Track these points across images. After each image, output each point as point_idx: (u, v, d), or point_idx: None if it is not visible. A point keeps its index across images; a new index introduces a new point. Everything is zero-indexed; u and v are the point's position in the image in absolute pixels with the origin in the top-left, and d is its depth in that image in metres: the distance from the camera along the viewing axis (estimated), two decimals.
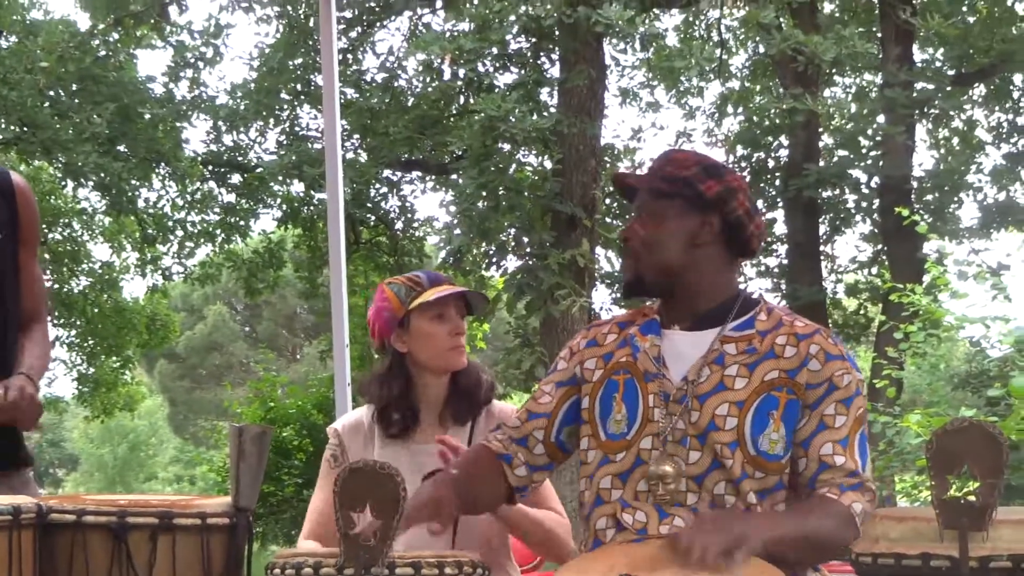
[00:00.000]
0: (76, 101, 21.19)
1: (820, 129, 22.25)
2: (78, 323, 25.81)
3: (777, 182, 22.48)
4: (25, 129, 20.60)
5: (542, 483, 3.94)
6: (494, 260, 19.60)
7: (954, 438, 2.87)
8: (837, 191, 22.28)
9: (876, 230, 22.66)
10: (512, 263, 19.19)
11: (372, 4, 22.41)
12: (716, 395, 3.44)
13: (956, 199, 21.72)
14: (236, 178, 23.94)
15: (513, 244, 19.03)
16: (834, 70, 21.84)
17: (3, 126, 20.94)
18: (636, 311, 3.83)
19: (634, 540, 3.37)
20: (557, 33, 18.68)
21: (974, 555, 2.86)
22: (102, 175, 21.24)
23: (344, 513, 2.95)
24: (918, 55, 22.10)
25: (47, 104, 21.01)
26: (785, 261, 22.90)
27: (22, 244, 4.13)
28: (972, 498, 2.87)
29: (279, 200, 23.26)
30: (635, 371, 3.56)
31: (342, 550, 2.97)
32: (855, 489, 3.25)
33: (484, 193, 17.90)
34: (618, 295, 20.86)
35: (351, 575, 2.96)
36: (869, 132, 21.89)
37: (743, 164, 22.50)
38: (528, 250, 18.38)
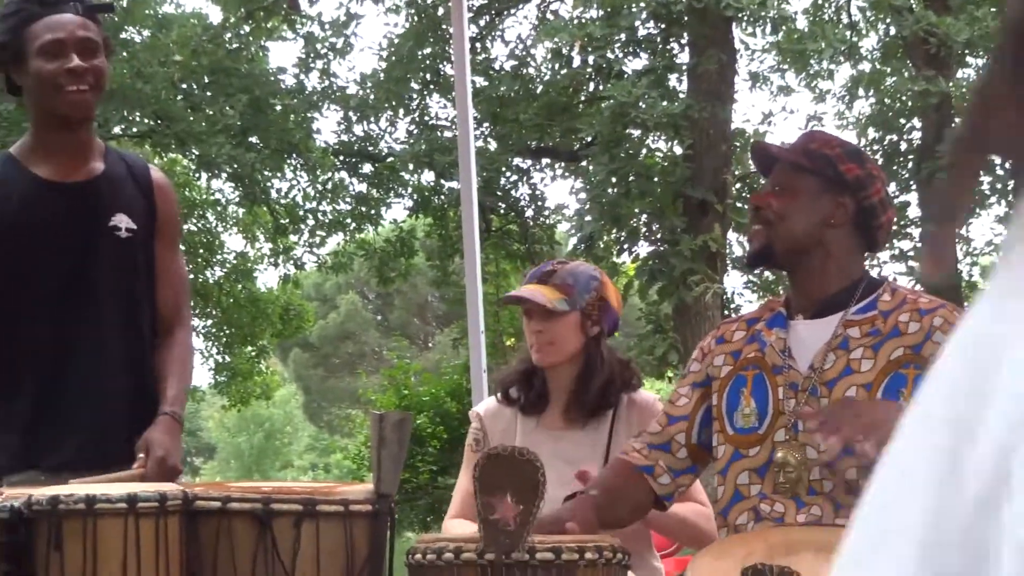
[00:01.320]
0: (209, 93, 21.45)
1: (953, 111, 21.93)
2: (213, 313, 26.14)
3: (910, 165, 22.19)
4: (159, 122, 20.88)
5: (689, 486, 3.93)
6: (625, 246, 19.54)
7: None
8: None
9: (1011, 211, 22.30)
10: (643, 249, 19.14)
11: None
12: (844, 380, 3.44)
13: None
14: (367, 168, 24.07)
15: (644, 230, 18.97)
16: (967, 51, 21.49)
17: (138, 119, 21.23)
18: (763, 307, 3.84)
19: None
20: (686, 18, 18.56)
21: None
22: (235, 166, 21.48)
23: (484, 499, 2.95)
24: None
25: (180, 97, 21.30)
26: (919, 245, 22.62)
27: (160, 239, 4.17)
28: None
29: (410, 189, 23.39)
30: (763, 365, 3.58)
31: (482, 535, 2.98)
32: None
33: (614, 179, 17.87)
34: (753, 280, 20.74)
35: (491, 560, 2.96)
36: None
37: (875, 147, 22.21)
38: (659, 236, 18.31)
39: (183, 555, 3.03)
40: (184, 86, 21.61)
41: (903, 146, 22.70)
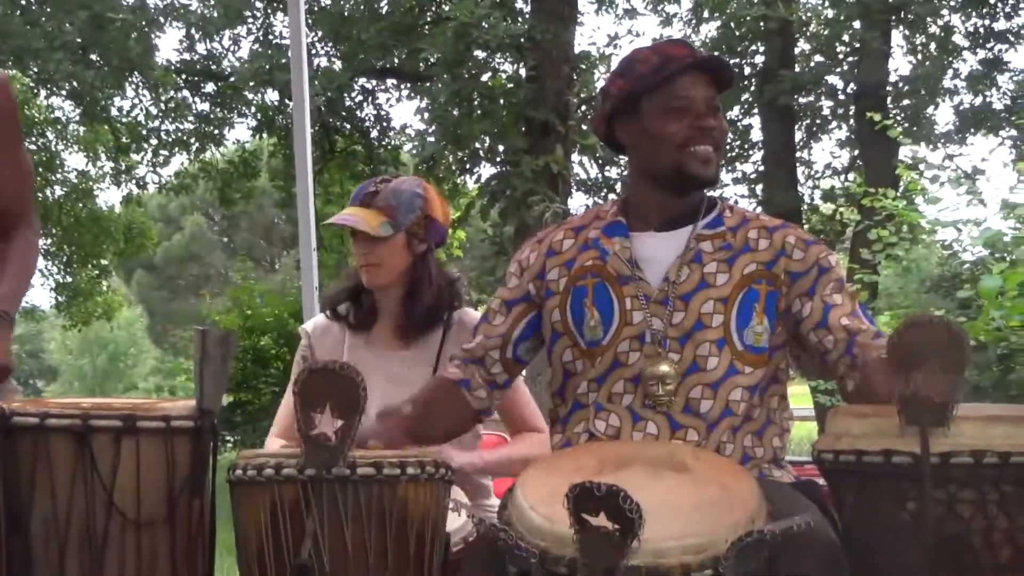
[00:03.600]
0: (47, 8, 21.01)
1: (796, 35, 22.14)
2: (54, 232, 25.75)
3: (752, 88, 22.39)
4: None
5: (503, 400, 3.93)
6: (468, 167, 19.55)
7: (916, 334, 2.85)
8: (812, 97, 22.23)
9: (852, 136, 22.61)
10: (486, 170, 19.16)
11: None
12: (699, 293, 3.45)
13: (932, 105, 21.65)
14: (210, 87, 23.80)
15: (487, 151, 18.98)
16: None
17: None
18: (586, 214, 3.81)
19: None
20: None
21: (935, 451, 2.86)
22: (74, 84, 21.11)
23: (305, 414, 2.94)
24: None
25: (18, 12, 20.83)
26: (761, 168, 22.87)
27: None
28: (934, 394, 2.87)
29: (253, 109, 23.15)
30: (605, 274, 3.54)
31: (303, 451, 2.96)
32: None
33: (457, 100, 17.82)
34: (599, 202, 20.80)
35: (312, 475, 2.95)
36: (845, 38, 21.77)
37: None
38: (502, 157, 18.32)
39: None
40: (22, 1, 21.14)
41: (747, 70, 22.89)
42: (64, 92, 22.41)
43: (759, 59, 22.56)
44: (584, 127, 19.94)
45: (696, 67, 3.53)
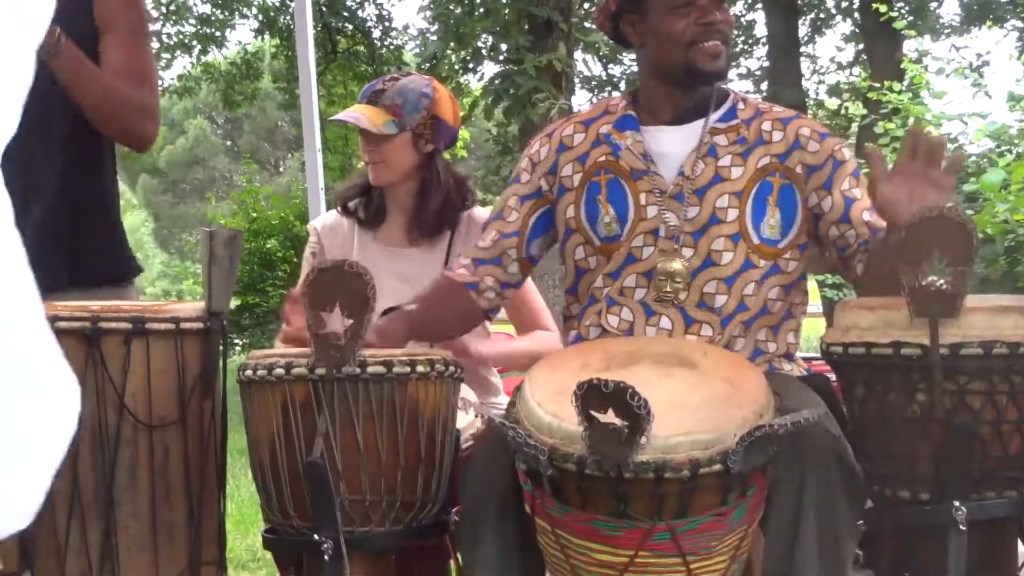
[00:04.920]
0: None
1: None
2: None
3: None
4: None
5: (512, 298, 3.93)
6: (470, 66, 19.46)
7: (925, 226, 2.85)
8: None
9: (857, 30, 22.49)
10: (489, 69, 19.07)
11: None
12: (714, 187, 3.45)
13: None
14: None
15: (489, 50, 18.88)
16: None
17: None
18: (595, 107, 3.79)
19: None
20: None
21: (944, 342, 2.87)
22: None
23: (314, 313, 2.94)
24: None
25: None
26: (766, 63, 22.76)
27: (104, 31, 3.79)
28: (943, 285, 2.87)
29: (255, 10, 23.03)
30: (618, 169, 3.53)
31: (313, 350, 2.97)
32: None
33: None
34: (599, 97, 20.72)
35: (323, 375, 2.96)
36: None
37: None
38: (504, 55, 18.22)
39: None
40: None
41: None
42: None
43: None
44: (587, 24, 19.82)
45: None
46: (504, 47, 18.23)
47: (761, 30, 22.56)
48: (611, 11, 3.61)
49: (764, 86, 22.32)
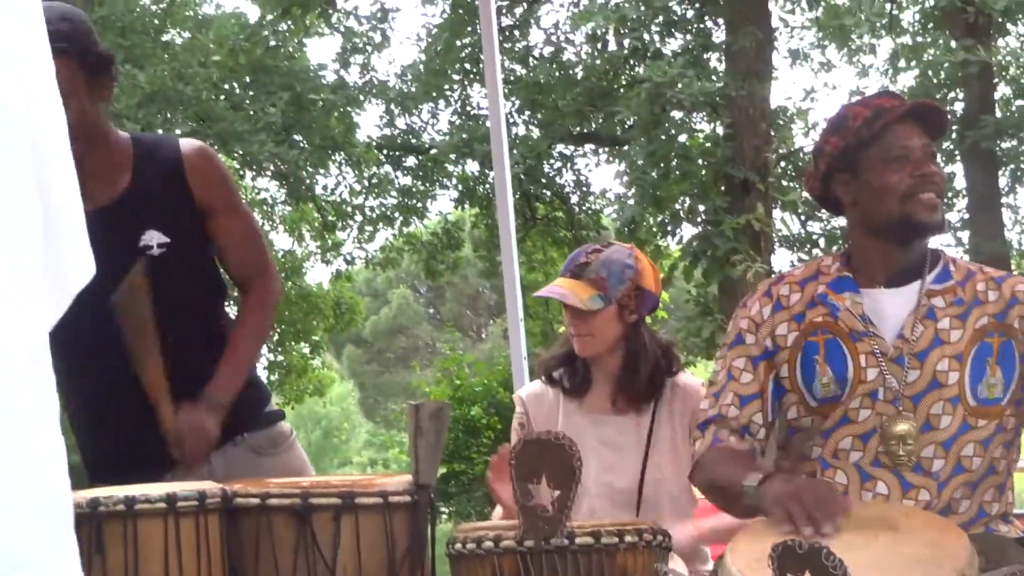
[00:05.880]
0: (250, 92, 21.55)
1: (995, 80, 21.76)
2: None
3: (954, 135, 22.05)
4: (201, 122, 20.94)
5: None
6: (669, 229, 19.53)
7: None
8: (1015, 141, 21.79)
9: None
10: (687, 231, 19.13)
11: None
12: (935, 351, 3.41)
13: None
14: (411, 161, 24.15)
15: (687, 212, 18.95)
16: (1005, 19, 21.32)
17: (180, 120, 21.31)
18: (807, 267, 3.75)
19: None
20: None
21: None
22: (279, 164, 21.56)
23: (521, 485, 2.95)
24: None
25: (222, 96, 21.41)
26: (966, 215, 22.47)
27: (210, 215, 4.06)
28: None
29: (455, 180, 23.44)
30: (837, 331, 3.50)
31: (521, 522, 2.97)
32: None
33: (655, 161, 17.83)
34: (803, 258, 20.62)
35: (531, 547, 2.96)
36: None
37: None
38: (702, 217, 18.27)
39: (224, 553, 3.03)
40: (225, 86, 21.69)
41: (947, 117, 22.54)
42: (269, 173, 22.91)
43: (959, 105, 22.22)
44: (784, 183, 19.81)
45: (909, 115, 3.50)
46: (702, 208, 18.30)
47: (960, 182, 22.30)
48: (822, 172, 3.61)
49: (965, 238, 22.00)
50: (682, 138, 18.56)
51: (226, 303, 4.31)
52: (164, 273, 3.93)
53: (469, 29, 21.68)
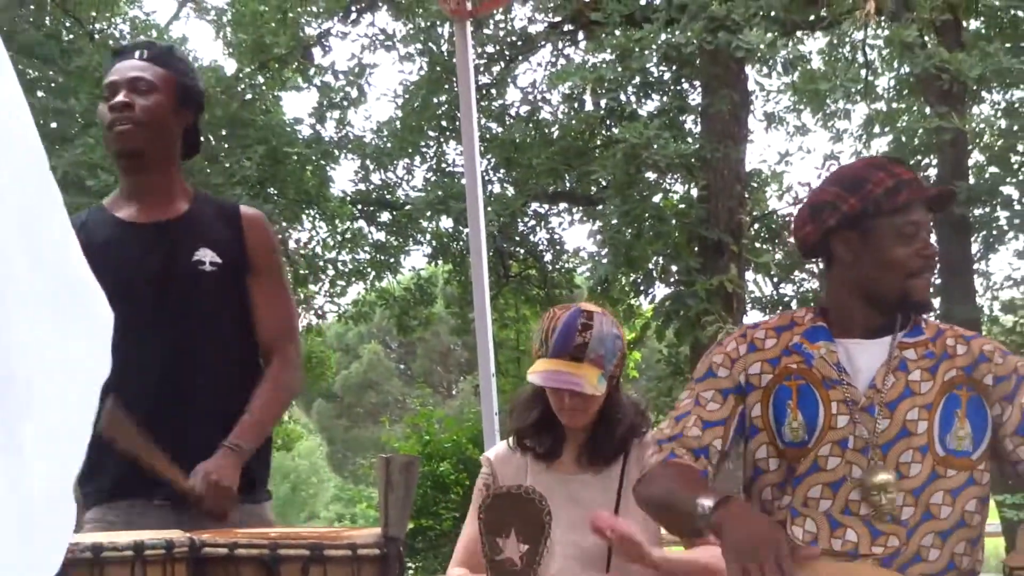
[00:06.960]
0: (225, 145, 21.51)
1: (969, 147, 21.88)
2: None
3: None
4: None
5: None
6: (642, 288, 19.56)
7: None
8: (988, 208, 21.90)
9: None
10: (660, 291, 19.17)
11: (514, 39, 22.51)
12: (905, 401, 3.48)
13: None
14: (385, 216, 24.13)
15: (660, 272, 18.99)
16: (979, 87, 21.46)
17: None
18: (782, 316, 3.79)
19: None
20: (698, 60, 18.56)
21: None
22: None
23: (490, 539, 2.96)
24: None
25: None
26: (938, 280, 22.55)
27: (254, 273, 4.28)
28: None
29: (428, 236, 23.44)
30: (811, 377, 3.56)
31: None
32: None
33: (629, 221, 17.87)
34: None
35: None
36: (1020, 148, 21.49)
37: None
38: (675, 277, 18.32)
39: None
40: (201, 139, 21.63)
41: None
42: None
43: (932, 171, 22.32)
44: (758, 245, 19.87)
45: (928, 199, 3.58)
46: (675, 268, 18.34)
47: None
48: (828, 227, 3.62)
49: (937, 303, 22.07)
50: (656, 198, 18.60)
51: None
52: (214, 293, 4.09)
53: (446, 87, 21.72)
